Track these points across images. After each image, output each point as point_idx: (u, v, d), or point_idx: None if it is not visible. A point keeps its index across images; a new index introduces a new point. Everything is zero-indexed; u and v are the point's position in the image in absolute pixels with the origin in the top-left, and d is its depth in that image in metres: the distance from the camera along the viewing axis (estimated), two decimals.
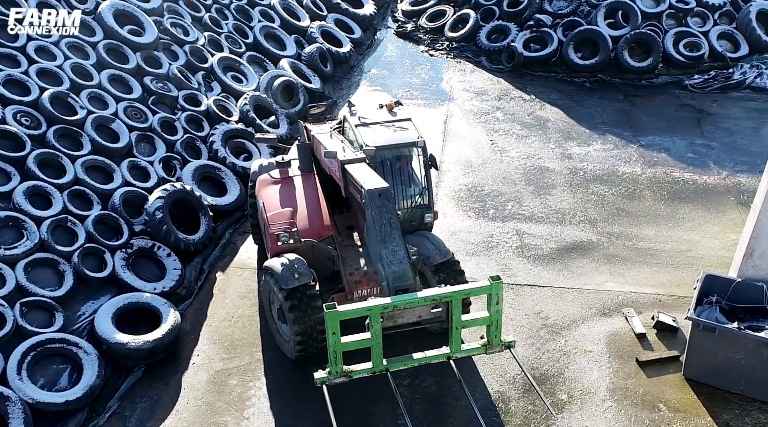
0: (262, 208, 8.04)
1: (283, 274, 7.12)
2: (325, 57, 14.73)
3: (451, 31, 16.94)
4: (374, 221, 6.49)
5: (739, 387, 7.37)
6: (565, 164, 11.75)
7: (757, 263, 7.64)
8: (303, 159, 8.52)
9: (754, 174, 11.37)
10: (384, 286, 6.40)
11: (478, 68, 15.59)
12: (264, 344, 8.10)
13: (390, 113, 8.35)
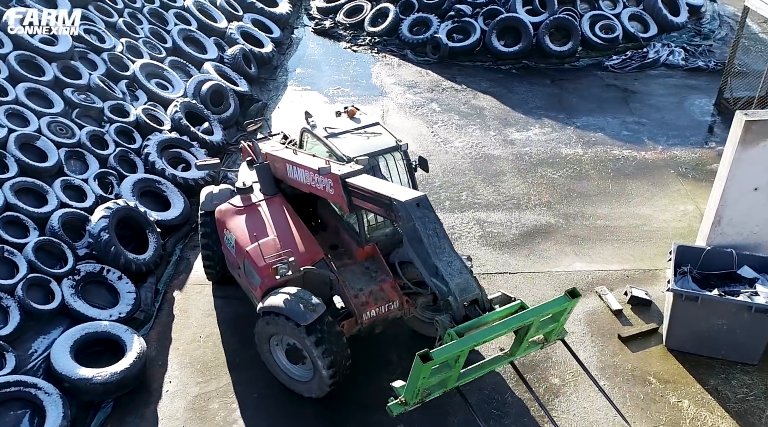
0: (233, 243, 7.33)
1: (296, 310, 6.45)
2: (248, 58, 14.13)
3: (371, 26, 16.70)
4: (420, 234, 5.83)
5: (721, 352, 7.57)
6: (509, 150, 11.79)
7: (725, 230, 7.88)
8: (265, 182, 7.78)
9: (687, 146, 11.85)
10: (450, 301, 5.68)
11: (405, 62, 15.44)
12: (241, 363, 7.58)
13: (353, 120, 7.77)
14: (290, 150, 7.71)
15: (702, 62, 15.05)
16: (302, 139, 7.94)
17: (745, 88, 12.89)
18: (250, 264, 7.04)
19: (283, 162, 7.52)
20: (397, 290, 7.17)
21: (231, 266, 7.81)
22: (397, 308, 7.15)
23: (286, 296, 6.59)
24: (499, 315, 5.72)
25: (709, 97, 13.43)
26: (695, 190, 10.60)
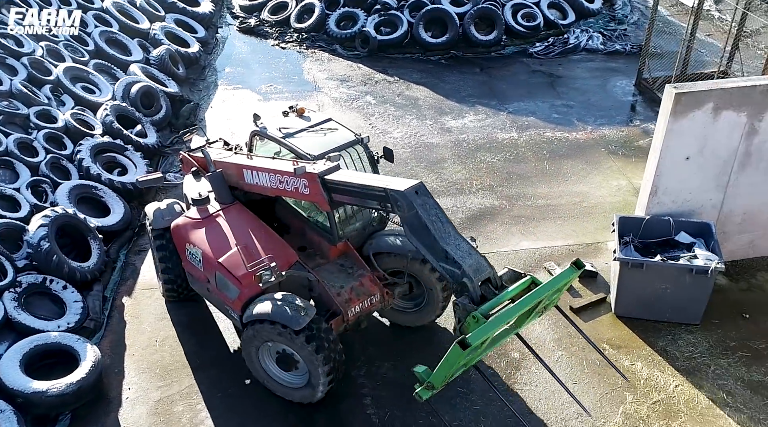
0: (199, 257, 7.00)
1: (286, 315, 6.26)
2: (175, 59, 13.78)
3: (297, 23, 16.60)
4: (425, 221, 5.77)
5: (666, 315, 7.97)
6: (447, 138, 11.99)
7: (661, 199, 8.29)
8: (221, 190, 7.45)
9: (613, 125, 12.38)
10: (466, 282, 5.65)
11: (335, 56, 15.43)
12: (202, 364, 7.43)
13: (303, 118, 7.57)
14: (243, 156, 7.41)
15: (619, 46, 15.72)
16: (252, 142, 7.63)
17: (662, 69, 13.57)
18: (224, 276, 6.74)
19: (238, 168, 7.24)
20: (376, 282, 7.16)
21: (196, 282, 7.40)
22: (379, 300, 7.14)
23: (273, 301, 6.40)
24: (516, 292, 5.78)
25: (629, 78, 14.05)
26: (626, 166, 11.09)
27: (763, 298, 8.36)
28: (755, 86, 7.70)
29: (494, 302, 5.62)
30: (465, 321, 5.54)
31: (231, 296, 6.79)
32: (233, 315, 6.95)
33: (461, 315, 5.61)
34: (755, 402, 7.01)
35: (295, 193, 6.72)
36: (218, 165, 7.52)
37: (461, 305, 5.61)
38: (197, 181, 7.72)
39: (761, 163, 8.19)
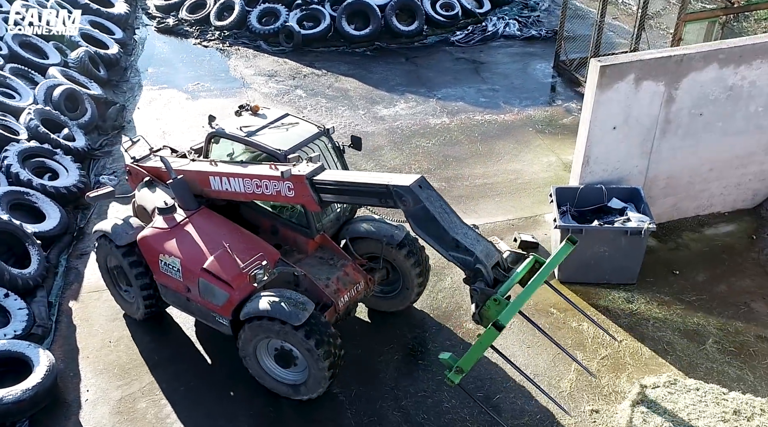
0: (177, 267, 6.76)
1: (286, 311, 6.20)
2: (95, 61, 13.37)
3: (218, 20, 16.40)
4: (433, 214, 5.84)
5: (606, 277, 8.44)
6: (381, 126, 12.19)
7: (593, 168, 8.76)
8: (185, 197, 7.19)
9: (538, 106, 12.91)
10: (481, 268, 5.77)
11: (260, 53, 15.36)
12: (161, 360, 7.33)
13: (259, 116, 7.42)
14: (205, 162, 7.19)
15: (535, 31, 16.37)
16: (209, 145, 7.40)
17: (577, 51, 14.25)
18: (209, 282, 6.58)
19: (202, 175, 7.04)
20: (359, 270, 7.19)
21: (172, 293, 7.12)
22: (364, 287, 7.19)
23: (270, 298, 6.35)
24: (524, 272, 5.99)
25: (548, 61, 14.66)
26: (553, 144, 11.61)
27: (690, 255, 8.98)
28: (670, 56, 8.25)
29: (508, 284, 5.84)
30: (484, 305, 5.74)
31: (218, 301, 6.63)
32: (220, 321, 6.76)
33: (479, 300, 5.78)
34: (692, 349, 7.55)
35: (275, 197, 6.63)
36: (179, 174, 7.26)
37: (479, 290, 5.76)
38: (153, 192, 7.51)
39: (679, 130, 8.79)
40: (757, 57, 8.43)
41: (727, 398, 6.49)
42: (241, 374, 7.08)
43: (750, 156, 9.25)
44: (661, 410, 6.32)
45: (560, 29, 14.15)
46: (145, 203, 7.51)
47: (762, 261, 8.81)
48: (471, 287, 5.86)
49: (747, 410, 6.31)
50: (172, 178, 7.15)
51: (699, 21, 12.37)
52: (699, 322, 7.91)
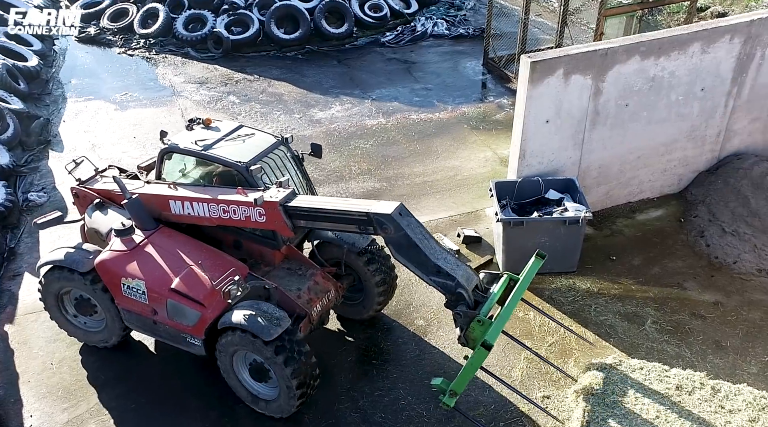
0: (142, 290, 6.54)
1: (258, 325, 6.05)
2: (14, 74, 12.81)
3: (142, 28, 15.99)
4: (414, 240, 5.89)
5: (548, 267, 8.62)
6: (318, 129, 12.17)
7: (529, 161, 9.00)
8: (142, 216, 6.93)
9: (471, 103, 13.16)
10: (463, 293, 5.89)
11: (188, 59, 15.07)
12: (108, 380, 7.10)
13: (211, 129, 7.19)
14: (163, 185, 6.96)
15: (463, 30, 16.67)
16: (162, 162, 7.15)
17: (505, 48, 14.60)
18: (178, 302, 6.40)
19: (161, 199, 6.84)
20: (328, 278, 7.13)
21: (135, 317, 6.83)
22: (335, 295, 7.13)
23: (246, 310, 6.21)
24: (501, 291, 6.16)
25: (477, 59, 14.96)
26: (488, 139, 11.86)
27: (624, 241, 9.36)
28: (596, 51, 8.57)
29: (488, 304, 5.98)
30: (468, 327, 5.84)
31: (188, 322, 6.45)
32: (192, 342, 6.57)
33: (463, 322, 5.87)
34: (633, 330, 7.87)
35: (244, 222, 6.51)
36: (140, 194, 6.99)
37: (462, 313, 5.87)
38: (106, 214, 7.25)
39: (608, 120, 9.14)
40: (675, 49, 8.85)
41: (669, 375, 6.79)
42: (193, 389, 6.96)
43: (673, 143, 9.71)
44: (609, 391, 6.56)
45: (487, 27, 14.47)
46: (99, 226, 7.21)
47: (691, 242, 9.26)
48: (454, 311, 5.97)
49: (688, 384, 6.62)
50: (127, 198, 6.89)
51: (618, 16, 12.91)
52: (637, 304, 8.25)
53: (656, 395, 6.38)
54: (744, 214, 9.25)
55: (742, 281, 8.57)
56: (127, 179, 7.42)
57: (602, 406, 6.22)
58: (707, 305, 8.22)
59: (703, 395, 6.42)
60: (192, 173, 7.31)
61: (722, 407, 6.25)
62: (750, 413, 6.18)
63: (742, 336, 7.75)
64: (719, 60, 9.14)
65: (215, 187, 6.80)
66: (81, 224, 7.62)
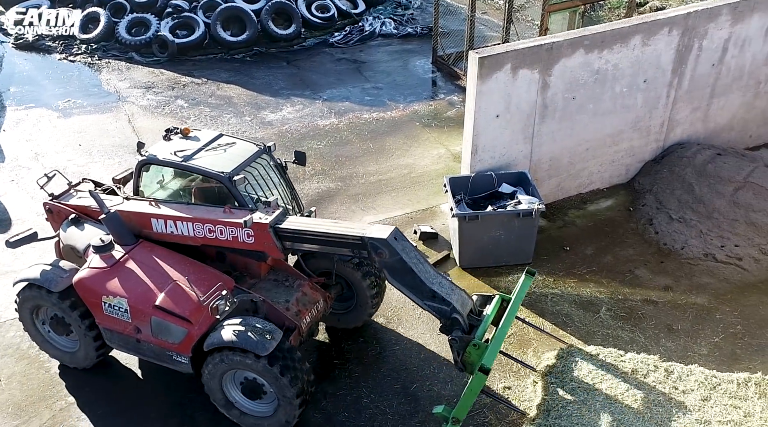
0: (124, 307, 6.30)
1: (250, 340, 5.86)
2: None
3: (83, 33, 15.58)
4: (409, 265, 5.87)
5: (504, 260, 8.80)
6: (270, 131, 12.06)
7: (482, 156, 9.09)
8: (122, 231, 6.67)
9: (422, 101, 13.23)
10: (458, 318, 5.88)
11: (133, 64, 14.75)
12: (60, 393, 6.91)
13: (190, 139, 6.99)
14: (144, 202, 6.77)
15: (410, 29, 16.74)
16: (140, 174, 6.92)
17: (453, 45, 14.74)
18: (163, 319, 6.19)
19: (143, 218, 6.65)
20: (316, 288, 6.98)
21: (117, 336, 6.59)
22: (323, 306, 6.98)
23: (234, 327, 6.00)
24: (494, 312, 6.17)
25: (426, 57, 15.05)
26: (441, 136, 11.94)
27: (577, 231, 9.54)
28: (541, 45, 8.72)
29: (483, 327, 5.99)
30: (465, 351, 5.83)
31: (174, 339, 6.24)
32: (179, 360, 6.37)
33: (459, 347, 5.86)
34: (588, 318, 8.03)
35: (230, 243, 6.40)
36: (119, 211, 6.76)
37: (458, 338, 5.85)
38: (82, 230, 7.00)
39: (556, 113, 9.30)
40: (617, 42, 9.07)
41: (625, 360, 6.94)
42: (150, 397, 6.82)
43: (620, 134, 9.95)
44: (567, 379, 6.68)
45: (435, 26, 14.56)
46: (75, 243, 6.94)
47: (640, 230, 9.50)
48: (449, 336, 5.95)
49: (643, 368, 6.78)
50: (105, 213, 6.65)
51: (561, 11, 13.17)
52: (592, 292, 8.42)
53: (613, 380, 6.53)
54: (689, 201, 9.53)
55: (690, 266, 8.83)
56: (105, 195, 7.15)
57: (562, 393, 6.32)
58: (658, 291, 8.45)
59: (658, 378, 6.58)
60: (170, 184, 7.08)
61: (676, 388, 6.43)
62: (702, 393, 6.37)
63: (691, 319, 7.99)
64: (659, 52, 9.41)
65: (199, 205, 6.62)
66: (55, 240, 7.32)
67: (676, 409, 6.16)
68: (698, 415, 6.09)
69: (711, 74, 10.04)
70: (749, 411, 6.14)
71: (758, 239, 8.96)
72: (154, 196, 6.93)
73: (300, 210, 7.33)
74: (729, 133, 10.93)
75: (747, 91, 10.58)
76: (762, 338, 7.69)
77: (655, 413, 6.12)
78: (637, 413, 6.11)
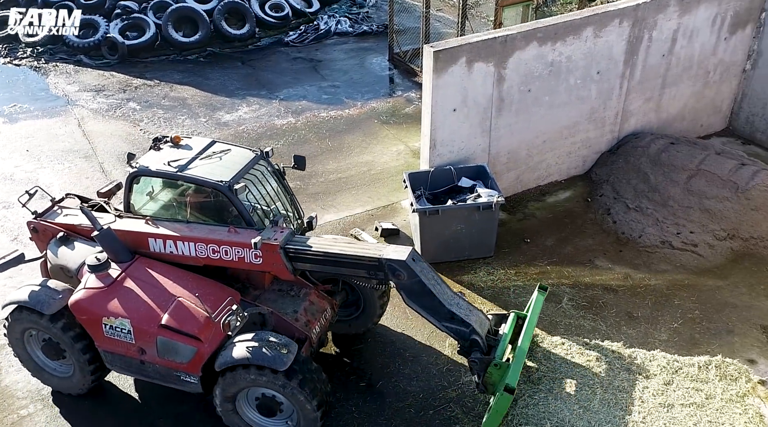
0: (127, 328, 5.98)
1: (268, 356, 5.62)
2: None
3: (28, 36, 15.10)
4: (429, 287, 5.78)
5: (466, 253, 8.79)
6: (226, 132, 11.86)
7: (440, 151, 9.07)
8: (117, 248, 6.34)
9: (379, 98, 13.18)
10: (477, 339, 5.79)
11: (82, 67, 14.36)
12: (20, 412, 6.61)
13: (182, 148, 6.62)
14: (139, 220, 6.45)
15: (366, 27, 16.68)
16: (131, 187, 6.54)
17: (409, 43, 14.73)
18: (170, 339, 5.90)
19: (139, 237, 6.33)
20: (323, 296, 6.74)
21: (120, 359, 6.24)
22: (331, 314, 6.75)
23: (247, 343, 5.74)
24: (511, 331, 6.09)
25: (383, 54, 15.00)
26: (400, 133, 11.91)
27: (537, 223, 9.60)
28: (495, 38, 8.74)
29: (502, 347, 5.90)
30: (486, 372, 5.75)
31: (183, 359, 5.95)
32: (188, 380, 6.07)
33: (480, 369, 5.78)
34: (551, 309, 8.07)
35: (236, 263, 6.17)
36: (110, 229, 6.41)
37: (478, 360, 5.77)
38: (73, 248, 6.63)
39: (513, 106, 9.34)
40: (569, 34, 9.16)
41: (588, 348, 6.95)
42: (108, 408, 6.61)
43: (575, 125, 10.05)
44: (533, 369, 6.68)
45: (390, 23, 14.53)
46: (66, 263, 6.58)
47: (598, 220, 9.61)
48: (469, 358, 5.87)
49: (606, 356, 6.80)
50: (98, 230, 6.30)
51: (514, 6, 13.24)
52: (553, 283, 8.47)
53: (578, 368, 6.55)
54: (645, 190, 9.68)
55: (648, 254, 8.96)
56: (95, 212, 6.73)
57: (528, 383, 6.31)
58: (618, 279, 8.54)
59: (621, 365, 6.61)
60: (161, 196, 6.74)
61: (639, 374, 6.48)
62: (665, 377, 6.42)
63: (651, 306, 8.10)
64: (611, 43, 9.53)
65: (200, 223, 6.36)
66: (41, 261, 6.94)
67: (640, 394, 6.21)
68: (661, 399, 6.15)
69: (662, 65, 10.22)
70: (710, 393, 6.23)
71: (712, 225, 9.14)
72: (145, 209, 6.61)
73: (300, 217, 7.05)
74: (681, 123, 11.14)
75: (697, 80, 10.80)
76: (719, 322, 7.83)
77: (620, 398, 6.16)
78: (603, 400, 6.14)
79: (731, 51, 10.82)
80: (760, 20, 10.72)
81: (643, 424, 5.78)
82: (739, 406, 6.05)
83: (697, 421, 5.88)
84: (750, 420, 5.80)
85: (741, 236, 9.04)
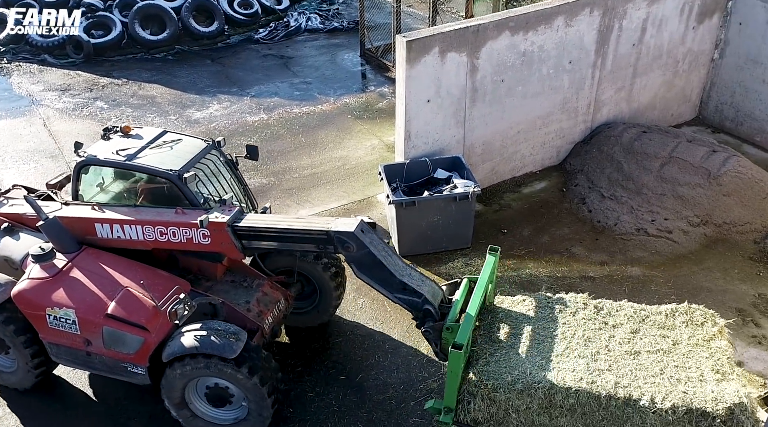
0: (72, 319, 5.82)
1: (215, 344, 5.53)
2: None
3: None
4: (379, 258, 5.68)
5: (443, 245, 8.73)
6: (197, 129, 11.66)
7: (415, 142, 9.01)
8: (64, 238, 6.19)
9: (352, 94, 13.08)
10: (430, 309, 5.65)
11: (47, 67, 14.04)
12: None
13: (132, 137, 6.53)
14: (86, 207, 6.30)
15: (337, 23, 16.57)
16: (79, 177, 6.41)
17: (380, 38, 14.66)
18: (116, 329, 5.76)
19: (86, 223, 6.19)
20: (276, 287, 6.68)
21: (65, 350, 6.10)
22: (285, 305, 6.68)
23: (196, 332, 5.64)
24: (463, 296, 5.90)
25: (354, 50, 14.91)
26: (373, 128, 11.82)
27: (513, 214, 9.59)
28: (468, 28, 8.70)
29: (453, 311, 5.74)
30: (442, 339, 5.62)
31: (129, 349, 5.82)
32: (135, 371, 5.94)
33: (435, 337, 5.66)
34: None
35: (185, 245, 6.06)
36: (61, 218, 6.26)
37: (431, 329, 5.66)
38: (17, 239, 6.44)
39: (486, 97, 9.32)
40: (541, 23, 9.16)
41: (553, 300, 6.59)
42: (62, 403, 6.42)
43: (549, 115, 10.06)
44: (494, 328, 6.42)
45: (360, 19, 14.47)
46: (10, 253, 6.40)
47: (574, 210, 9.63)
48: (422, 329, 5.76)
49: (571, 306, 6.32)
50: (43, 219, 6.14)
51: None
52: (531, 272, 8.45)
53: (541, 322, 6.25)
54: (619, 178, 9.72)
55: (624, 241, 8.99)
56: (41, 201, 6.57)
57: (489, 343, 6.08)
58: (595, 267, 8.56)
59: (587, 314, 6.38)
60: (112, 187, 6.59)
61: (606, 323, 6.26)
62: (632, 326, 6.23)
63: (628, 292, 8.12)
64: (582, 33, 9.56)
65: (148, 206, 6.23)
66: None
67: (606, 343, 6.05)
68: (628, 347, 5.98)
69: (632, 54, 10.28)
70: (677, 339, 6.09)
71: (685, 211, 9.21)
72: (95, 200, 6.46)
73: (254, 208, 6.98)
74: (652, 113, 11.24)
75: (667, 70, 10.90)
76: None
77: (585, 348, 5.95)
78: (567, 350, 5.94)
79: (699, 40, 10.94)
80: (727, 9, 10.86)
81: (609, 372, 5.65)
82: (705, 349, 5.94)
83: (663, 367, 5.74)
84: (717, 363, 5.75)
85: (714, 221, 9.13)
